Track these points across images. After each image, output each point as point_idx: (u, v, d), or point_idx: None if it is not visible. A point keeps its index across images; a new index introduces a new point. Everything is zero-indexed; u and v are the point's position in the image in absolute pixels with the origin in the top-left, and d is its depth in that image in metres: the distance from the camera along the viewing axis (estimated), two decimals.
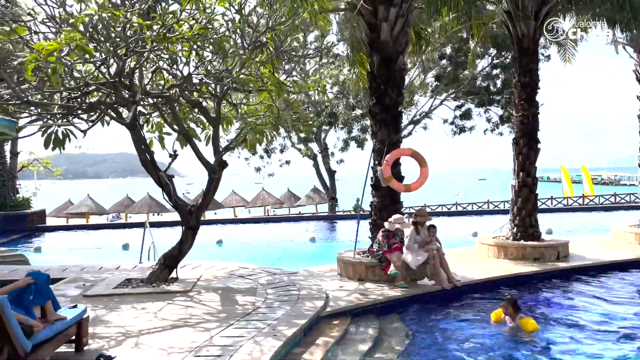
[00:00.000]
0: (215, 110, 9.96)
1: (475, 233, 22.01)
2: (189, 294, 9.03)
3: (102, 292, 9.14)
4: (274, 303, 8.27)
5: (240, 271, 11.06)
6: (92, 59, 6.98)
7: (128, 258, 21.23)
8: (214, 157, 9.91)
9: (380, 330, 7.81)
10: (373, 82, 10.42)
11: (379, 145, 10.44)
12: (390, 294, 9.03)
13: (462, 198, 46.00)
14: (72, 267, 11.75)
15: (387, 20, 10.07)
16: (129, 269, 11.49)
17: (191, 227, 9.86)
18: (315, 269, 11.51)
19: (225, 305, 8.27)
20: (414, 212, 10.23)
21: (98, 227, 33.00)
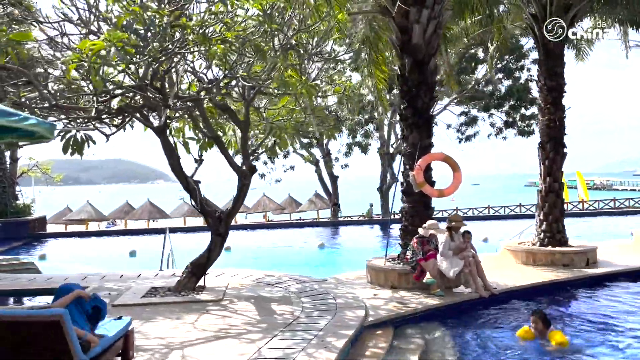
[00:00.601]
0: (244, 115, 9.72)
1: (486, 239, 21.84)
2: (222, 303, 8.75)
3: (131, 301, 8.84)
4: (313, 312, 8.00)
5: (267, 279, 10.79)
6: (134, 60, 6.71)
7: (135, 265, 20.94)
8: (243, 162, 9.65)
9: (426, 340, 7.57)
10: (404, 85, 10.21)
11: (410, 150, 10.22)
12: (428, 302, 8.79)
13: (458, 203, 45.72)
14: (92, 276, 11.43)
15: (419, 23, 9.87)
16: (151, 277, 11.19)
17: (220, 234, 9.59)
18: (343, 277, 11.25)
19: (263, 314, 7.99)
20: (447, 218, 9.98)
21: (100, 234, 32.50)
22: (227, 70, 8.23)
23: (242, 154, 9.68)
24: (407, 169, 10.30)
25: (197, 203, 9.55)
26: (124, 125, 9.80)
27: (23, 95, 8.45)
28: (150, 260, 22.07)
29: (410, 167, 10.17)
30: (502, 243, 13.37)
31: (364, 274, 11.26)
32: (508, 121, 32.92)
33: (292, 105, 11.41)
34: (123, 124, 9.75)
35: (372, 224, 34.74)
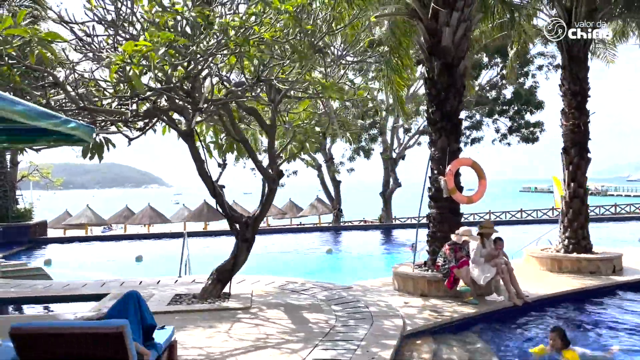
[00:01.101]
0: (271, 118, 9.52)
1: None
2: (251, 311, 8.52)
3: (158, 309, 8.58)
4: (348, 321, 7.78)
5: (290, 285, 10.57)
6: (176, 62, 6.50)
7: (142, 270, 20.66)
8: (271, 167, 9.43)
9: (468, 350, 7.36)
10: (432, 88, 10.03)
11: (438, 154, 10.03)
12: (464, 311, 8.59)
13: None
14: (110, 282, 11.16)
15: (448, 25, 9.71)
16: (171, 284, 10.93)
17: (247, 239, 9.36)
18: (367, 283, 11.04)
19: (297, 323, 7.77)
20: (480, 224, 9.80)
21: (101, 238, 32.15)
22: (258, 72, 8.01)
23: (269, 158, 9.47)
24: (434, 174, 10.11)
25: (223, 208, 9.32)
26: (149, 129, 9.59)
27: (50, 97, 8.21)
28: (156, 266, 21.82)
29: (438, 172, 9.98)
30: (524, 250, 13.19)
31: (388, 281, 11.06)
32: (512, 127, 32.85)
33: (311, 109, 11.25)
34: (148, 127, 9.53)
35: (377, 229, 34.57)
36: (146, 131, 9.62)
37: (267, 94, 9.46)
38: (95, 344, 4.01)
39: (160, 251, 26.41)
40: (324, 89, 7.73)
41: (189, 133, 8.78)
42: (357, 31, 9.71)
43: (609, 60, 15.50)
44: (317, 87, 8.09)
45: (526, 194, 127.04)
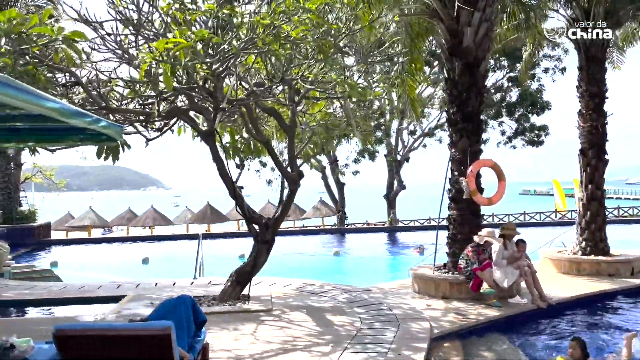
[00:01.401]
0: (291, 119, 9.43)
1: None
2: (273, 313, 8.41)
3: None
4: (374, 324, 7.67)
5: (308, 288, 10.46)
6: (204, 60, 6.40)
7: (149, 273, 20.53)
8: (291, 168, 9.33)
9: (497, 353, 7.26)
10: (453, 89, 9.95)
11: (459, 155, 9.94)
12: (488, 313, 8.48)
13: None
14: (125, 284, 11.04)
15: (470, 25, 9.64)
16: (187, 286, 10.83)
17: (266, 241, 9.26)
18: (385, 286, 10.94)
19: (322, 325, 7.66)
20: (501, 226, 9.71)
21: (106, 240, 32.01)
22: (283, 72, 7.92)
23: (289, 158, 9.37)
24: (455, 176, 10.02)
25: (242, 209, 9.22)
26: (167, 129, 9.50)
27: (71, 96, 8.12)
28: (163, 268, 21.71)
29: (459, 174, 9.89)
30: (540, 252, 13.10)
31: (406, 283, 10.97)
32: (518, 129, 32.78)
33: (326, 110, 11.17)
34: (167, 128, 9.45)
35: (382, 231, 34.48)
36: (165, 132, 9.54)
37: (288, 93, 9.39)
38: (140, 346, 3.91)
39: (165, 253, 26.31)
40: (351, 88, 7.63)
41: (210, 133, 8.68)
42: (377, 31, 9.68)
43: (615, 66, 15.36)
44: (343, 87, 7.98)
45: (525, 196, 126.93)
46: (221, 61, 6.91)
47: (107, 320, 8.03)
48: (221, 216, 40.39)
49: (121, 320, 7.84)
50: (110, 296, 9.93)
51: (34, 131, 6.31)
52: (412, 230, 34.89)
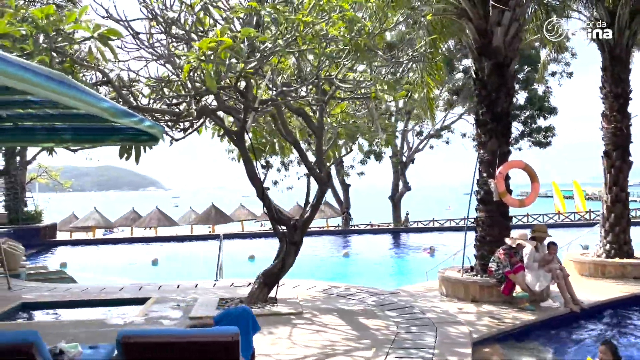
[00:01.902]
0: (318, 119, 9.31)
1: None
2: (305, 316, 8.27)
3: (208, 314, 8.33)
4: (410, 328, 7.54)
5: (334, 290, 10.33)
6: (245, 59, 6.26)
7: (160, 274, 20.37)
8: (320, 169, 9.20)
9: (539, 358, 7.15)
10: (482, 89, 9.83)
11: (487, 157, 9.82)
12: (524, 317, 8.35)
13: (453, 213, 44.77)
14: (147, 286, 10.90)
15: (500, 25, 9.52)
16: (210, 288, 10.70)
17: (295, 242, 9.13)
18: (411, 288, 10.81)
19: (357, 329, 7.52)
20: (531, 228, 9.60)
21: (112, 241, 31.84)
22: (316, 71, 7.78)
23: (317, 159, 9.24)
24: (483, 177, 9.90)
25: (270, 211, 9.08)
26: (194, 130, 9.37)
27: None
28: (173, 269, 21.56)
29: (488, 175, 9.77)
30: (562, 254, 12.97)
31: (432, 285, 10.85)
32: (524, 131, 32.70)
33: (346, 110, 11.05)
34: (194, 128, 9.31)
35: (387, 233, 34.37)
36: (192, 132, 9.41)
37: (314, 93, 9.27)
38: (206, 352, 3.77)
39: (173, 254, 26.16)
40: (388, 87, 7.50)
41: (241, 134, 8.55)
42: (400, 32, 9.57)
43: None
44: (382, 85, 7.85)
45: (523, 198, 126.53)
46: (259, 60, 6.78)
47: (136, 324, 7.90)
48: (225, 217, 40.27)
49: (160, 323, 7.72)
50: (134, 298, 9.79)
51: (75, 131, 6.19)
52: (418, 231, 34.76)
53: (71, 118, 6.00)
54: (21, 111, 5.96)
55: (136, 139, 6.25)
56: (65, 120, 6.10)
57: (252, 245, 26.98)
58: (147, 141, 6.27)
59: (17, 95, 5.29)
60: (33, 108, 5.82)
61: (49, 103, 5.61)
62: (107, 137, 6.33)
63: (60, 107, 5.76)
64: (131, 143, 6.75)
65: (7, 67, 3.00)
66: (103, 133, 6.24)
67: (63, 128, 6.27)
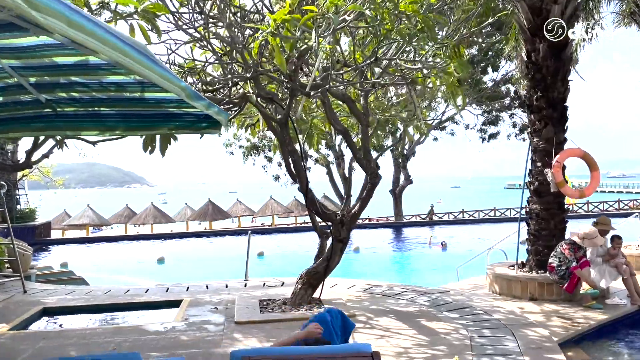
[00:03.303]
0: (363, 105, 8.62)
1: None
2: (359, 319, 7.57)
3: (255, 317, 7.64)
4: (482, 331, 6.90)
5: (376, 289, 9.67)
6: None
7: (167, 273, 19.59)
8: (368, 160, 8.49)
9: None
10: (537, 72, 9.19)
11: (542, 145, 9.19)
12: (596, 317, 7.75)
13: (444, 206, 44.24)
14: (174, 288, 10.15)
15: (557, 3, 8.89)
16: (241, 288, 9.99)
17: (341, 239, 8.44)
18: (456, 286, 10.19)
19: (425, 334, 6.86)
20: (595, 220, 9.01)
21: (113, 239, 30.88)
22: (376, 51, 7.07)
23: (364, 150, 8.54)
24: (538, 167, 9.27)
25: (314, 205, 8.37)
26: (234, 117, 8.64)
27: None
28: (180, 267, 20.77)
29: (543, 165, 9.15)
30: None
31: (478, 282, 10.26)
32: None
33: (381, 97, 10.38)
34: (233, 115, 8.58)
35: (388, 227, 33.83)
36: (231, 119, 8.68)
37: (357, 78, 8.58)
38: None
39: (177, 252, 25.34)
40: (462, 67, 6.82)
41: (285, 121, 7.82)
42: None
43: None
44: (456, 63, 7.16)
45: (511, 190, 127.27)
46: (323, 37, 6.05)
47: (179, 329, 7.17)
48: (223, 213, 39.48)
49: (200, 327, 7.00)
50: (165, 301, 9.05)
51: (124, 117, 5.45)
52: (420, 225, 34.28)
53: (120, 103, 5.26)
54: (64, 95, 5.21)
55: (195, 126, 5.55)
56: (113, 105, 5.37)
57: (259, 242, 26.26)
58: (206, 129, 5.56)
59: (64, 74, 4.55)
60: (77, 91, 5.08)
61: (98, 85, 4.88)
62: (161, 124, 5.61)
63: (110, 90, 5.02)
64: (189, 132, 6.00)
65: (94, 27, 2.34)
66: (156, 119, 5.53)
67: (109, 114, 5.54)
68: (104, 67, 4.35)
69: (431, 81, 8.49)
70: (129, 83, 4.67)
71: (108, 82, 4.75)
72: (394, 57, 7.15)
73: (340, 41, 8.05)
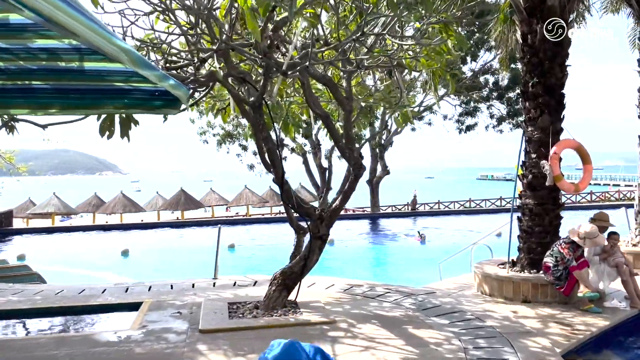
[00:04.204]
0: (346, 89, 7.80)
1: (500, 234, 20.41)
2: (340, 326, 6.82)
3: (223, 325, 6.80)
4: (477, 342, 6.18)
5: (357, 289, 8.92)
6: None
7: (131, 267, 18.59)
8: (349, 149, 7.68)
9: None
10: (533, 56, 8.48)
11: (538, 134, 8.51)
12: (597, 323, 7.11)
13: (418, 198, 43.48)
14: (135, 287, 9.23)
15: None
16: (210, 288, 9.13)
17: (320, 236, 7.64)
18: (441, 286, 9.49)
19: (414, 345, 6.12)
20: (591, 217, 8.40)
21: (78, 229, 29.55)
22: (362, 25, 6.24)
23: (346, 138, 7.72)
24: (532, 159, 8.59)
25: (291, 198, 7.55)
26: (200, 99, 7.73)
27: None
28: (146, 261, 19.76)
29: (538, 156, 8.47)
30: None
31: (465, 281, 9.62)
32: (509, 112, 31.79)
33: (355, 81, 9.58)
34: (198, 98, 7.68)
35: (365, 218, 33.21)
36: (194, 104, 7.78)
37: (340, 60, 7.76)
38: None
39: (145, 243, 24.27)
40: (461, 42, 6.05)
41: (259, 105, 6.96)
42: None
43: None
44: (454, 41, 6.38)
45: (483, 182, 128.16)
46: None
47: (134, 339, 6.30)
48: (195, 202, 38.41)
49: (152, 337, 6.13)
50: (123, 303, 8.15)
51: (61, 93, 4.54)
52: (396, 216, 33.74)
53: (55, 75, 4.35)
54: None
55: (148, 104, 4.68)
56: (47, 77, 4.45)
57: (232, 233, 25.32)
58: (162, 108, 4.68)
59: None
60: (3, 60, 4.17)
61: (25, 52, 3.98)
62: (107, 102, 4.75)
63: (41, 58, 4.13)
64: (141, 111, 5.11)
65: None
66: (100, 96, 4.64)
67: (43, 89, 4.62)
68: (29, 29, 3.46)
69: (421, 63, 7.71)
70: (63, 50, 3.78)
71: (37, 48, 3.85)
72: (383, 32, 6.32)
73: (321, 17, 7.23)
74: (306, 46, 7.13)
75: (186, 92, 4.10)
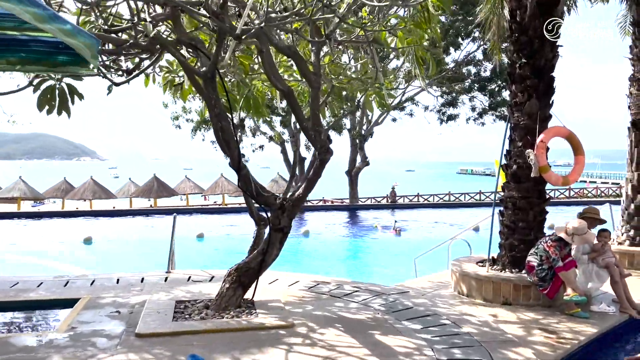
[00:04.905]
0: (314, 63, 6.95)
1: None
2: (298, 331, 6.01)
3: (164, 328, 5.94)
4: (453, 352, 5.42)
5: (323, 287, 8.12)
6: None
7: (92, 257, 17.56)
8: (315, 131, 6.82)
9: None
10: (522, 34, 7.69)
11: (524, 121, 7.74)
12: (584, 329, 6.35)
13: (398, 190, 42.71)
14: (74, 280, 8.31)
15: None
16: (161, 283, 8.25)
17: (281, 228, 6.80)
18: (416, 284, 8.68)
19: (380, 354, 5.33)
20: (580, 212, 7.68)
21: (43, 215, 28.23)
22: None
23: (313, 118, 6.86)
24: (518, 147, 7.82)
25: (249, 185, 6.69)
26: (142, 71, 6.80)
27: None
28: (109, 250, 18.74)
29: (524, 145, 7.70)
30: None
31: (441, 280, 8.85)
32: (491, 104, 31.18)
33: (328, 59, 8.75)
34: (145, 67, 6.76)
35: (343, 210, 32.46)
36: (139, 74, 6.85)
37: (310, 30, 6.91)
38: None
39: (109, 232, 23.15)
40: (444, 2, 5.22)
41: (213, 75, 6.07)
42: None
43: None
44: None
45: (462, 176, 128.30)
46: None
47: (57, 343, 5.41)
48: (169, 190, 37.29)
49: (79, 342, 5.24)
50: (57, 299, 7.24)
51: None
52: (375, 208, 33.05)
53: None
54: None
55: (49, 60, 3.83)
56: None
57: (200, 222, 24.34)
58: (67, 65, 3.80)
59: None
60: None
61: None
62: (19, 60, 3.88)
63: None
64: (40, 68, 4.22)
65: None
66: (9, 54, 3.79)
67: None
68: None
69: (399, 37, 6.89)
70: None
71: None
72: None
73: None
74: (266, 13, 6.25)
75: (95, 45, 3.23)
